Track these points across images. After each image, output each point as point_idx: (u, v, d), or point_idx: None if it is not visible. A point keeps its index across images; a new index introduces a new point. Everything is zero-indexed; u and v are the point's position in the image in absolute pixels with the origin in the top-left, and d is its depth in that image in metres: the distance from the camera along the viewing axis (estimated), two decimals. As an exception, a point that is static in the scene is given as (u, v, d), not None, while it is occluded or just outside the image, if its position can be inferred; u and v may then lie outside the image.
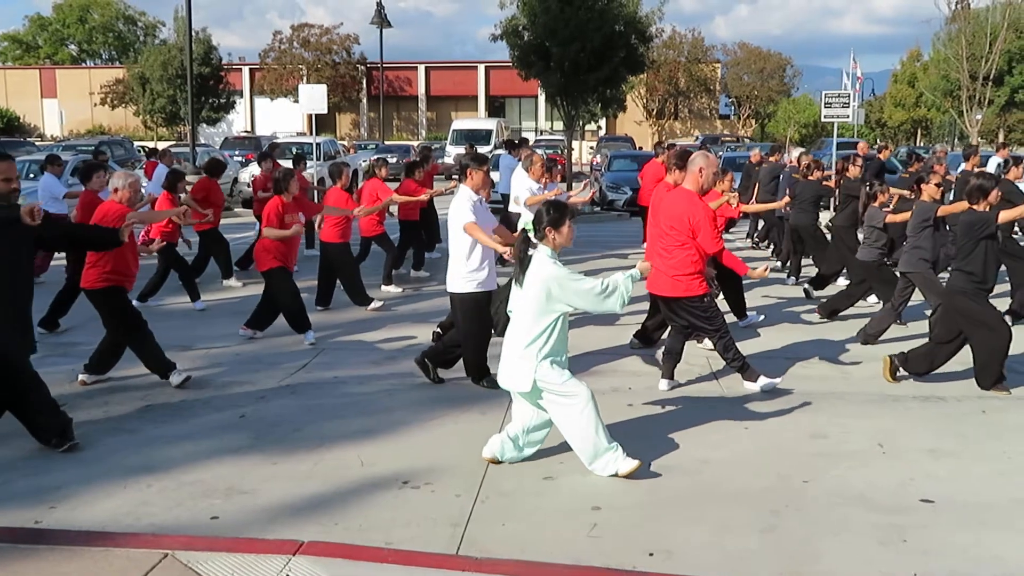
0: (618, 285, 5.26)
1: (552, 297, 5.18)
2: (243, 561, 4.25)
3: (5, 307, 5.51)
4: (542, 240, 5.31)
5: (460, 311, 7.08)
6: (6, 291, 5.52)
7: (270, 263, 8.45)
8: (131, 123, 58.05)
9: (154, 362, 7.00)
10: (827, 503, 4.99)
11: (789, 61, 64.17)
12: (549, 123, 57.58)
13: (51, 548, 4.39)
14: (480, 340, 7.12)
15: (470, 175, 7.01)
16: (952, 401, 6.88)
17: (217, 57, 48.50)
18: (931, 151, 19.43)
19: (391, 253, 11.69)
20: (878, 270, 9.23)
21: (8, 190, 5.60)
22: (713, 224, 7.06)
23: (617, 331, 8.91)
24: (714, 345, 7.16)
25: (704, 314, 6.97)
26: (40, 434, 5.68)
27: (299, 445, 5.87)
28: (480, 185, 7.06)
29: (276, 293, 8.56)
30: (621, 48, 29.72)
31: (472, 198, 6.97)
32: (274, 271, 8.47)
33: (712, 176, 7.05)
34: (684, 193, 7.00)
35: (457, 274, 7.00)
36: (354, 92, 61.04)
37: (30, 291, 5.79)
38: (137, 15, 76.71)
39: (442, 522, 4.72)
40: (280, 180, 8.71)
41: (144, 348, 7.01)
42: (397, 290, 11.38)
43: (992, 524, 4.75)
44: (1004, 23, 39.19)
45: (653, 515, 4.84)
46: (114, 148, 27.06)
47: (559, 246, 5.34)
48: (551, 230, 5.28)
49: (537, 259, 5.29)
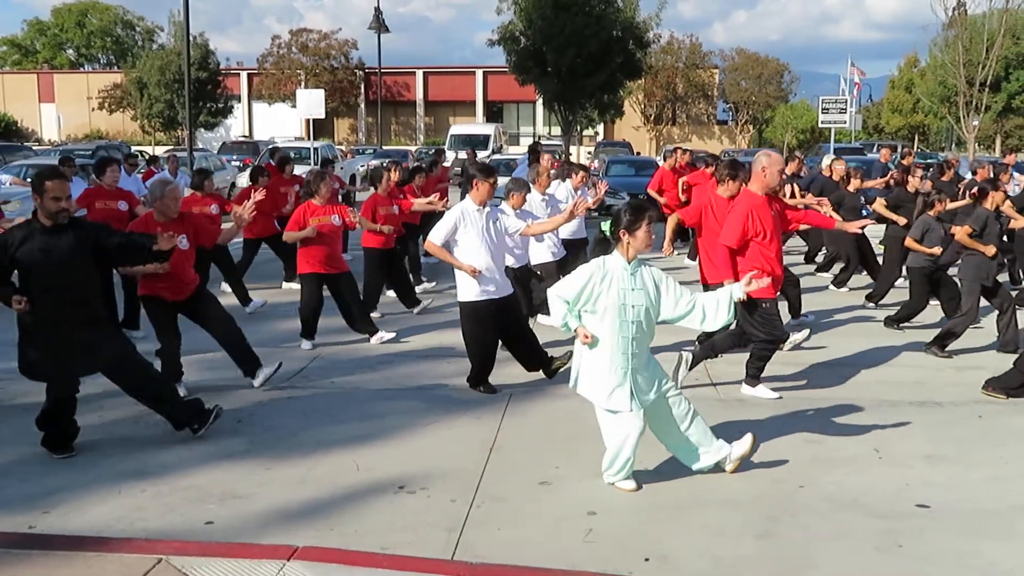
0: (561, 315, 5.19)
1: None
2: (237, 566, 4.24)
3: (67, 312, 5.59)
4: (616, 245, 5.14)
5: (461, 317, 7.12)
6: (67, 295, 5.58)
7: (302, 268, 8.55)
8: (129, 128, 58.08)
9: (165, 371, 7.00)
10: (823, 509, 4.98)
11: (787, 67, 64.36)
12: (547, 128, 57.63)
13: (45, 553, 4.38)
14: (480, 347, 7.12)
15: (476, 186, 7.00)
16: (949, 406, 6.87)
17: (215, 62, 48.55)
18: (943, 158, 19.37)
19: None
20: (929, 278, 9.15)
21: (58, 209, 5.53)
22: (742, 222, 6.76)
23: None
24: (753, 349, 7.04)
25: (759, 319, 6.85)
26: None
27: (295, 450, 5.86)
28: (485, 197, 7.02)
29: (302, 294, 8.63)
30: (618, 53, 29.75)
31: (469, 210, 6.96)
32: (305, 276, 8.57)
33: (777, 173, 6.93)
34: (741, 195, 6.98)
35: (457, 282, 7.08)
36: (352, 97, 61.11)
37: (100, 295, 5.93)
38: (135, 20, 76.88)
39: (438, 527, 4.71)
40: (310, 183, 8.69)
41: (163, 355, 7.08)
42: (392, 295, 11.35)
43: (988, 530, 4.74)
44: (1001, 29, 39.29)
45: (649, 520, 4.83)
46: (111, 153, 27.06)
47: (634, 252, 5.11)
48: (625, 233, 5.06)
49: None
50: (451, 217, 6.96)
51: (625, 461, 5.15)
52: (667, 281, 5.25)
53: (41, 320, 5.55)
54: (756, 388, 7.01)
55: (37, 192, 5.54)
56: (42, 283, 5.51)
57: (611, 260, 5.14)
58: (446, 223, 6.96)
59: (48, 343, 5.59)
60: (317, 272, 8.53)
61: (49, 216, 5.53)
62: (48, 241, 5.51)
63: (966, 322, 8.40)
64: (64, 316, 5.58)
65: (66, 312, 5.58)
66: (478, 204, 7.00)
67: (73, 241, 5.57)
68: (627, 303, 5.06)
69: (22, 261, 5.51)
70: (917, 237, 8.93)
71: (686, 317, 5.25)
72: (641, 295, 5.11)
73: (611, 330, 5.06)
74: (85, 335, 5.66)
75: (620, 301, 5.05)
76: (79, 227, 5.71)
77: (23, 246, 5.49)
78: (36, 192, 5.55)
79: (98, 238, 5.73)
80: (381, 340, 8.78)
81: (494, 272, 7.02)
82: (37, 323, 5.56)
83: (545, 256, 9.22)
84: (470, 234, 6.92)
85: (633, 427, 5.06)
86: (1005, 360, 7.50)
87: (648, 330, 5.19)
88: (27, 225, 5.62)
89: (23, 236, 5.53)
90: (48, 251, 5.50)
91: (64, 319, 5.58)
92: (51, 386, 5.68)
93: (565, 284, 5.16)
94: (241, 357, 7.20)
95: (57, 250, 5.52)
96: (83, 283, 5.68)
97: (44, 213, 5.54)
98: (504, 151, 37.86)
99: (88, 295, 5.73)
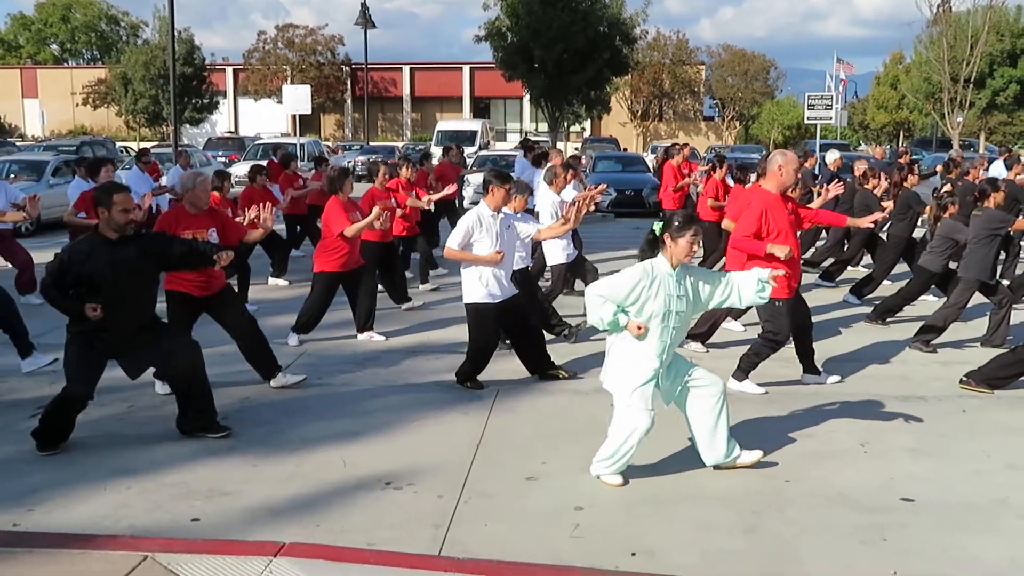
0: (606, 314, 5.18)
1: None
2: (224, 563, 4.23)
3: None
4: (662, 248, 5.12)
5: (467, 318, 7.14)
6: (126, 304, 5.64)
7: (321, 267, 8.46)
8: (113, 123, 57.81)
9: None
10: (809, 503, 5.01)
11: (773, 63, 64.63)
12: (534, 124, 57.65)
13: (29, 551, 4.35)
14: (480, 347, 7.13)
15: (491, 192, 7.02)
16: (933, 401, 6.92)
17: (200, 57, 48.30)
18: (948, 156, 19.36)
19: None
20: (942, 277, 9.13)
21: (125, 221, 5.59)
22: (756, 218, 6.80)
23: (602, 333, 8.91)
24: (755, 344, 7.12)
25: (768, 313, 6.91)
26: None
27: (281, 446, 5.85)
28: (500, 203, 7.05)
29: (312, 292, 8.56)
30: (605, 50, 29.78)
31: (485, 215, 6.97)
32: (321, 276, 8.47)
33: (793, 172, 6.97)
34: (754, 191, 7.02)
35: (463, 284, 7.08)
36: (338, 93, 60.96)
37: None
38: (120, 15, 76.36)
39: (424, 523, 4.71)
40: (334, 180, 8.60)
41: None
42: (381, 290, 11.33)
43: (972, 524, 4.78)
44: (985, 26, 39.50)
45: (635, 515, 4.85)
46: (96, 149, 26.89)
47: (676, 260, 5.10)
48: (669, 238, 5.06)
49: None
50: (466, 222, 6.94)
51: (625, 454, 5.18)
52: (705, 277, 5.36)
53: (103, 328, 5.58)
54: (743, 383, 7.04)
55: (104, 205, 5.57)
56: (110, 295, 5.53)
57: (659, 265, 5.13)
58: (461, 229, 6.94)
59: (107, 348, 5.68)
60: (336, 271, 8.43)
61: (117, 228, 5.59)
62: (115, 253, 5.57)
63: (952, 315, 8.44)
64: (127, 323, 5.68)
65: (129, 319, 5.68)
66: (493, 209, 7.01)
67: (138, 252, 5.65)
68: (671, 310, 5.10)
69: (90, 275, 5.53)
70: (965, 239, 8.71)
71: (726, 301, 5.40)
72: (684, 302, 5.16)
73: (651, 335, 5.10)
74: (143, 337, 5.80)
75: (665, 308, 5.08)
76: (141, 238, 5.81)
77: (89, 261, 5.52)
78: (103, 205, 5.58)
79: (161, 248, 5.85)
80: (371, 338, 8.77)
81: (502, 277, 7.05)
82: (97, 330, 5.58)
83: (559, 258, 9.25)
84: (484, 240, 6.93)
85: (642, 422, 5.10)
86: (990, 355, 7.55)
87: (683, 332, 5.34)
88: (89, 240, 5.64)
89: (87, 250, 5.55)
90: (115, 264, 5.55)
91: (127, 326, 5.68)
92: (80, 386, 5.64)
93: (611, 286, 5.10)
94: (258, 361, 7.11)
95: (124, 262, 5.57)
96: (146, 291, 5.84)
97: (112, 226, 5.59)
98: (491, 147, 37.84)
99: (149, 302, 5.89)
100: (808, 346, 7.35)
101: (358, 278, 8.62)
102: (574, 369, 7.54)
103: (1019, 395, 7.04)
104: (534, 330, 7.48)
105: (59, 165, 19.19)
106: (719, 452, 5.37)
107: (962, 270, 8.52)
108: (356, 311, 8.82)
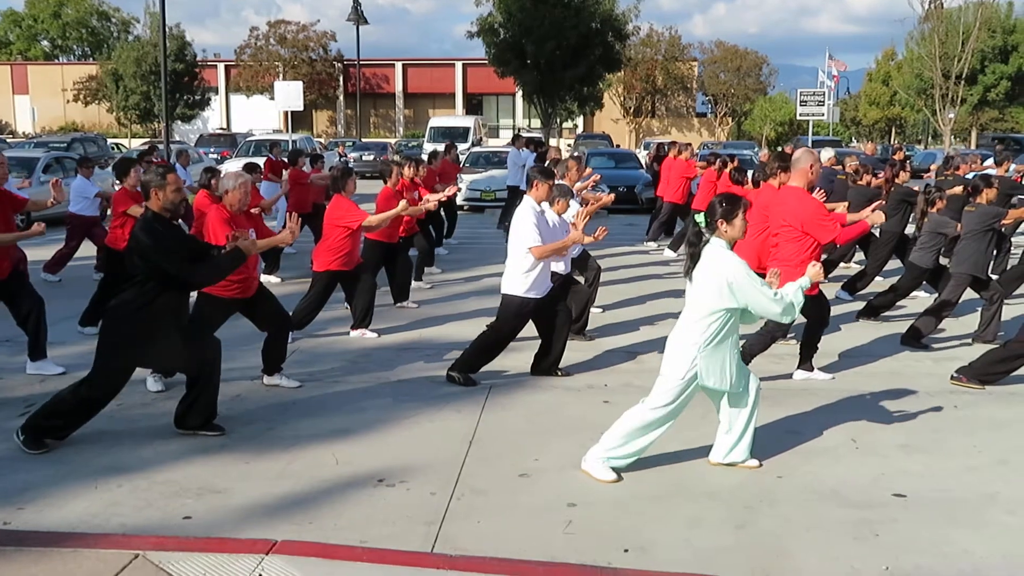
0: (790, 296, 5.14)
1: (726, 293, 5.00)
2: (215, 561, 4.21)
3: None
4: (714, 233, 5.12)
5: (502, 309, 7.15)
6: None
7: (321, 266, 8.43)
8: (104, 120, 57.56)
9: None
10: (801, 499, 5.02)
11: (765, 59, 64.68)
12: (527, 121, 57.64)
13: (19, 549, 4.33)
14: (498, 340, 7.20)
15: (536, 186, 7.08)
16: (924, 396, 6.94)
17: (192, 53, 48.07)
18: (947, 154, 19.41)
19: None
20: (933, 273, 9.16)
21: (179, 199, 5.67)
22: (823, 216, 6.97)
23: (589, 328, 8.92)
24: (805, 332, 7.36)
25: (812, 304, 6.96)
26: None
27: (273, 444, 5.83)
28: (544, 197, 7.15)
29: (311, 290, 8.53)
30: (598, 46, 29.78)
31: (536, 209, 7.03)
32: (321, 275, 8.45)
33: (818, 171, 7.24)
34: (791, 191, 7.12)
35: (510, 276, 7.06)
36: (331, 89, 60.81)
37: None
38: (111, 11, 75.93)
39: (417, 520, 4.71)
40: (338, 179, 8.60)
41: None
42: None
43: (962, 519, 4.80)
44: (977, 22, 39.65)
45: (628, 512, 4.85)
46: (87, 145, 26.78)
47: (731, 239, 5.14)
48: (723, 222, 5.06)
49: (714, 252, 5.07)
50: (529, 219, 6.92)
51: (637, 449, 5.24)
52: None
53: (168, 310, 5.62)
54: (813, 372, 7.34)
55: (157, 187, 5.59)
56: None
57: (730, 253, 5.10)
58: (530, 226, 6.90)
59: (172, 332, 5.69)
60: (336, 270, 8.42)
61: (171, 207, 5.66)
62: (175, 234, 5.73)
63: (943, 311, 8.46)
64: (184, 306, 5.82)
65: (185, 301, 5.83)
66: (537, 203, 7.10)
67: (185, 232, 5.85)
68: None
69: (194, 240, 5.81)
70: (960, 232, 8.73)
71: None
72: None
73: (736, 321, 5.19)
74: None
75: None
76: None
77: (176, 231, 5.72)
78: (156, 187, 5.59)
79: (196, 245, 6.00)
80: (363, 335, 8.75)
81: (548, 274, 7.16)
82: (162, 313, 5.59)
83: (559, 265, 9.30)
84: (544, 229, 7.01)
85: (669, 418, 5.20)
86: (982, 351, 7.57)
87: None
88: (150, 222, 5.59)
89: (163, 229, 5.60)
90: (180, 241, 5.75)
91: (184, 309, 5.83)
92: (108, 382, 5.66)
93: (760, 291, 5.02)
94: (270, 354, 7.09)
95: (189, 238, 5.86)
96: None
97: (166, 205, 5.63)
98: (484, 144, 37.81)
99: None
100: (815, 341, 7.42)
101: (357, 276, 8.62)
102: (565, 367, 7.53)
103: (1010, 391, 7.06)
104: (557, 330, 7.34)
105: (50, 162, 19.10)
106: (741, 452, 5.43)
107: (954, 266, 8.54)
108: (353, 307, 8.83)
